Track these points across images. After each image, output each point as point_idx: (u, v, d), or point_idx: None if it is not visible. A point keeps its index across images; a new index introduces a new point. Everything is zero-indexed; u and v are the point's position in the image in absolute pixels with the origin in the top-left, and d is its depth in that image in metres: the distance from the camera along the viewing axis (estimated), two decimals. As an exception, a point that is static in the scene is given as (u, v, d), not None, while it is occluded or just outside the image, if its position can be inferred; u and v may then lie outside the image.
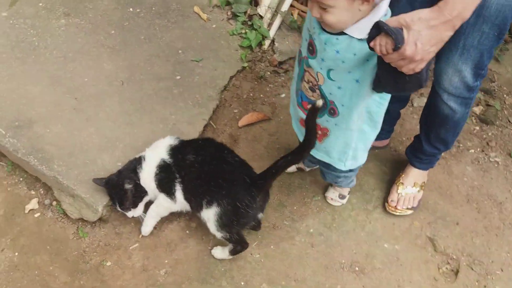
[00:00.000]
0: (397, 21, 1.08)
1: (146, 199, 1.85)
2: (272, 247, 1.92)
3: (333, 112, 1.48)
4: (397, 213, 2.01)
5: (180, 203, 1.83)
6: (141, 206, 1.85)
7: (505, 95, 2.61)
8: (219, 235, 1.78)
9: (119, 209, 1.82)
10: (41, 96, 2.13)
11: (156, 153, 1.83)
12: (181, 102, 2.26)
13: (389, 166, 2.22)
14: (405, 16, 1.08)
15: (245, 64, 2.52)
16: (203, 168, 1.77)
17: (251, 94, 2.46)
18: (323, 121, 1.54)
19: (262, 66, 2.57)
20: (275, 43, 2.63)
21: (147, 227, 1.89)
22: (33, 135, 1.99)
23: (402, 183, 2.03)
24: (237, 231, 1.80)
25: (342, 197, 2.06)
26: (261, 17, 2.66)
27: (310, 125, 1.46)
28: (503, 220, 2.06)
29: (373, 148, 2.21)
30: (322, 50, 1.35)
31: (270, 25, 2.65)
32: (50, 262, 1.80)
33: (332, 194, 2.06)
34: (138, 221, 1.92)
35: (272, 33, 2.62)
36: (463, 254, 1.94)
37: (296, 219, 2.00)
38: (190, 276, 1.81)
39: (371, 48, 1.14)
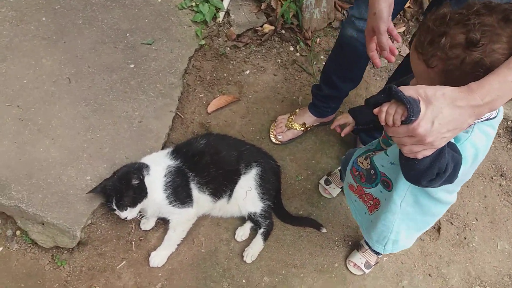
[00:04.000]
0: (415, 91, 0.86)
1: (144, 204, 1.63)
2: (266, 238, 1.82)
3: (387, 185, 1.28)
4: None
5: (199, 204, 1.73)
6: (138, 208, 1.62)
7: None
8: (259, 207, 1.78)
9: (114, 208, 1.59)
10: (-26, 110, 1.77)
11: (162, 164, 1.72)
12: (142, 95, 1.99)
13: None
14: (427, 88, 0.86)
15: (202, 42, 2.26)
16: (225, 143, 1.84)
17: (214, 75, 2.24)
18: (376, 191, 1.35)
19: (220, 42, 2.33)
20: (230, 14, 2.37)
21: (160, 258, 1.70)
22: (-24, 160, 1.66)
23: None
24: (273, 199, 1.85)
25: (367, 266, 1.78)
26: (212, -14, 2.38)
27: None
28: (475, 173, 2.12)
29: (322, 124, 2.16)
30: None
31: (222, -6, 2.38)
32: (30, 300, 1.57)
33: (358, 260, 1.79)
34: (121, 236, 1.72)
35: (225, 3, 2.35)
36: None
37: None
38: (189, 285, 1.68)
39: (374, 114, 0.93)
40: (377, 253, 1.76)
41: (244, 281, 1.72)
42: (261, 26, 2.40)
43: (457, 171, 0.98)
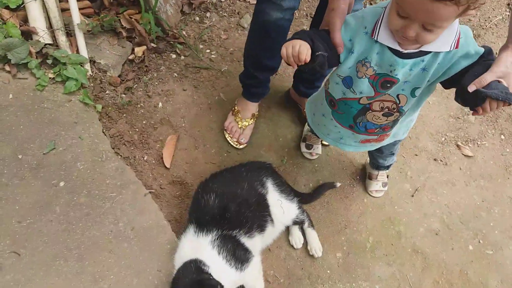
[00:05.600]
0: (494, 75, 1.13)
1: None
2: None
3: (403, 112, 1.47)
4: None
5: (256, 247, 1.69)
6: None
7: None
8: (295, 209, 1.82)
9: None
10: None
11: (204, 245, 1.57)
12: (105, 202, 1.72)
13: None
14: (499, 67, 1.14)
15: (99, 107, 1.96)
16: (227, 182, 1.77)
17: (137, 130, 2.01)
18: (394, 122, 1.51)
19: (111, 94, 2.05)
20: (96, 60, 2.07)
21: None
22: None
23: None
24: (294, 193, 1.91)
25: (384, 184, 2.09)
26: (55, 45, 1.97)
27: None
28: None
29: None
30: (408, 75, 1.27)
31: (73, 46, 2.01)
32: None
33: (376, 186, 2.08)
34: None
35: (84, 53, 2.02)
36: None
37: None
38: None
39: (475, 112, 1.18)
40: (386, 168, 2.05)
41: (328, 271, 1.85)
42: (133, 53, 2.16)
43: None
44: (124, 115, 2.04)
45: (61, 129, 1.84)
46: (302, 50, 1.18)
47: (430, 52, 1.22)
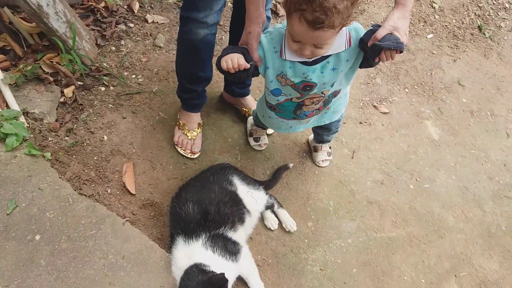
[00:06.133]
0: (386, 30, 1.39)
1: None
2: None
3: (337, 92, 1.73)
4: None
5: (241, 238, 1.86)
6: None
7: None
8: (263, 195, 2.03)
9: None
10: None
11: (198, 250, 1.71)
12: (86, 241, 1.72)
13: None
14: (389, 23, 1.40)
15: (47, 155, 1.95)
16: (199, 188, 1.90)
17: (91, 167, 2.03)
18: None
19: (55, 140, 2.05)
20: (29, 112, 2.03)
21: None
22: None
23: None
24: (258, 182, 2.12)
25: (329, 154, 2.35)
26: (-18, 105, 1.92)
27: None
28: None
29: None
30: (321, 77, 1.52)
31: (1, 102, 1.96)
32: None
33: (322, 156, 2.33)
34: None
35: (15, 107, 1.99)
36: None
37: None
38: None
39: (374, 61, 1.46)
40: (329, 141, 2.32)
41: (306, 240, 2.06)
42: (63, 95, 2.16)
43: None
44: (74, 156, 2.04)
45: (16, 186, 1.81)
46: (241, 62, 1.48)
47: (331, 54, 1.51)
